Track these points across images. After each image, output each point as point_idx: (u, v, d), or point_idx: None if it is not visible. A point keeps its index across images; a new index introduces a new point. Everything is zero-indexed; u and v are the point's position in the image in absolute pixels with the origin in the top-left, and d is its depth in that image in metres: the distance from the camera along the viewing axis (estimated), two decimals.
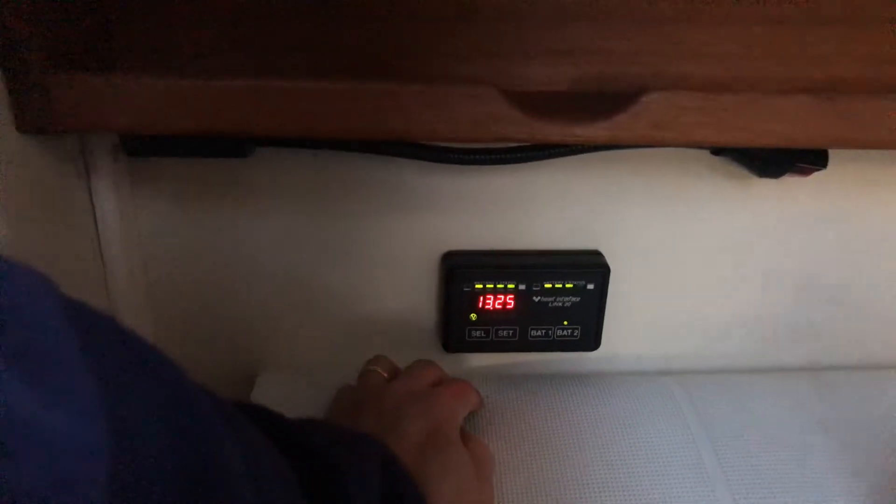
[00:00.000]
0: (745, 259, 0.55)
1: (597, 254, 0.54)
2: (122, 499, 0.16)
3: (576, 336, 0.54)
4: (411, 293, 0.54)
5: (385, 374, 0.49)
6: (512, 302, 0.53)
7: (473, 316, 0.53)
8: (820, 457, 0.49)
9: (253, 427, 0.27)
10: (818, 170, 0.47)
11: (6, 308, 0.15)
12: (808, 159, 0.47)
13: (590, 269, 0.53)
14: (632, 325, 0.57)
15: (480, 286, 0.52)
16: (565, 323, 0.54)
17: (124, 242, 0.48)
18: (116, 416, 0.16)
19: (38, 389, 0.14)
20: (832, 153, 0.47)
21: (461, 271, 0.52)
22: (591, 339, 0.54)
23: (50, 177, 0.42)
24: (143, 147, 0.43)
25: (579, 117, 0.41)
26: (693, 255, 0.54)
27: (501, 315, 0.53)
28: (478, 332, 0.54)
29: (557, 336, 0.54)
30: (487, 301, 0.53)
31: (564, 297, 0.53)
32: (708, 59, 0.46)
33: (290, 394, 0.52)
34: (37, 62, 0.36)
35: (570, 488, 0.46)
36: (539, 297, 0.53)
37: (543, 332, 0.54)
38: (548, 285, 0.52)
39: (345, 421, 0.43)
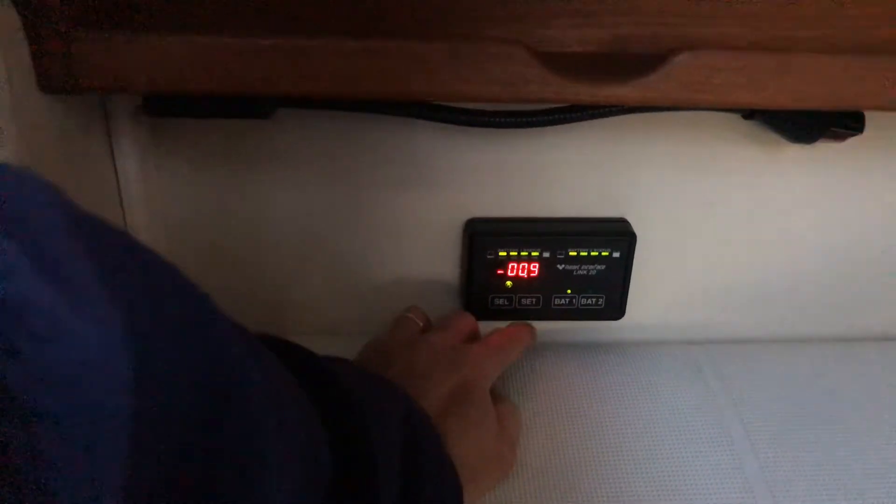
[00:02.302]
0: (775, 227, 0.54)
1: (623, 221, 0.53)
2: (143, 410, 0.16)
3: (600, 305, 0.54)
4: (434, 260, 0.54)
5: (419, 323, 0.49)
6: (536, 270, 0.52)
7: (496, 284, 0.53)
8: (848, 429, 0.48)
9: (273, 356, 0.27)
10: (854, 135, 0.46)
11: (16, 211, 0.14)
12: (844, 123, 0.46)
13: (615, 236, 0.52)
14: (657, 294, 0.56)
15: (504, 254, 0.52)
16: (590, 291, 0.53)
17: (145, 203, 0.48)
18: (135, 331, 0.16)
19: (58, 290, 0.14)
20: (868, 118, 0.46)
21: (484, 238, 0.51)
22: (615, 308, 0.54)
23: (72, 137, 0.41)
24: (164, 107, 0.43)
25: (609, 78, 0.40)
26: (721, 223, 0.53)
27: (525, 283, 0.53)
28: (501, 300, 0.53)
29: (581, 305, 0.53)
30: (511, 269, 0.52)
31: (589, 266, 0.52)
32: (741, 18, 0.45)
33: None
34: (59, 21, 0.36)
35: (593, 454, 0.46)
36: (563, 265, 0.52)
37: (567, 300, 0.53)
38: (572, 253, 0.52)
39: (375, 367, 0.43)
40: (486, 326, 0.52)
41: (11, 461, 0.12)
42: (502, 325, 0.56)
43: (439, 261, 0.54)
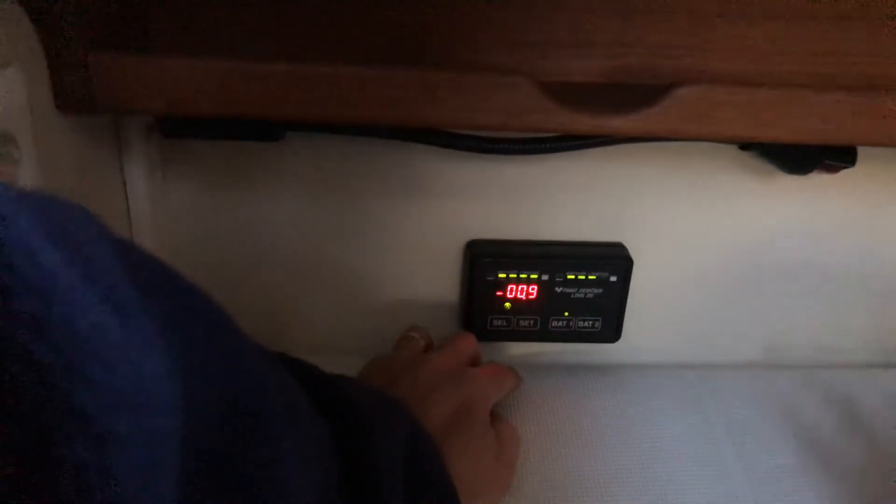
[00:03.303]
0: (770, 256, 0.55)
1: (620, 246, 0.54)
2: (186, 430, 0.17)
3: (597, 328, 0.54)
4: (435, 281, 0.55)
5: (422, 343, 0.49)
6: (534, 292, 0.53)
7: (496, 305, 0.53)
8: (842, 454, 0.49)
9: (287, 374, 0.27)
10: (846, 167, 0.47)
11: (75, 240, 0.15)
12: (837, 157, 0.47)
13: (613, 261, 0.53)
14: (653, 318, 0.57)
15: (503, 275, 0.52)
16: (587, 314, 0.54)
17: (154, 222, 0.48)
18: (174, 355, 0.17)
19: (117, 317, 0.15)
20: (860, 152, 0.47)
21: (485, 260, 0.52)
22: (612, 330, 0.55)
23: (85, 155, 0.42)
24: (178, 129, 0.43)
25: (611, 109, 0.41)
26: (717, 251, 0.55)
27: (524, 305, 0.54)
28: (499, 321, 0.54)
29: (579, 327, 0.54)
30: (510, 290, 0.53)
31: (586, 289, 0.53)
32: (740, 53, 0.46)
33: None
34: (78, 42, 0.37)
35: (589, 475, 0.46)
36: (561, 288, 0.53)
37: (565, 322, 0.54)
38: (570, 276, 0.53)
39: (378, 385, 0.44)
40: (484, 347, 0.53)
41: (89, 482, 0.13)
42: (501, 346, 0.57)
43: (440, 281, 0.55)
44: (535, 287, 0.53)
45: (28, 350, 0.13)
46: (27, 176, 0.36)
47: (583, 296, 0.53)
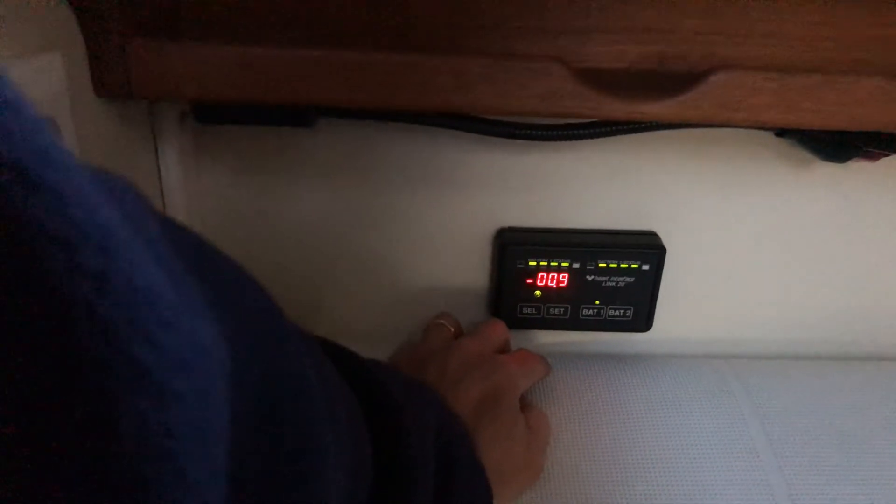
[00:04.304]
0: (805, 245, 0.54)
1: (653, 235, 0.53)
2: (235, 400, 0.17)
3: (628, 317, 0.54)
4: (464, 268, 0.55)
5: (451, 330, 0.50)
6: (565, 280, 0.53)
7: (526, 293, 0.53)
8: (874, 447, 0.48)
9: (326, 358, 0.28)
10: (887, 155, 0.46)
11: (128, 210, 0.15)
12: (877, 144, 0.46)
13: (645, 249, 0.52)
14: (685, 307, 0.56)
15: (534, 263, 0.52)
16: (618, 303, 0.54)
17: (187, 206, 0.49)
18: (221, 326, 0.17)
19: (171, 281, 0.15)
20: None
21: (514, 248, 0.52)
22: (643, 320, 0.54)
23: (121, 140, 0.43)
24: (212, 114, 0.44)
25: (646, 95, 0.41)
26: (751, 240, 0.54)
27: (554, 293, 0.53)
28: (529, 310, 0.54)
29: (609, 316, 0.54)
30: (540, 279, 0.53)
31: (618, 278, 0.53)
32: (776, 39, 0.45)
33: None
34: (116, 29, 0.37)
35: (618, 463, 0.46)
36: (592, 277, 0.53)
37: (595, 311, 0.54)
38: (602, 265, 0.52)
39: (408, 372, 0.44)
40: (514, 335, 0.53)
41: (150, 437, 0.13)
42: (530, 334, 0.57)
43: (469, 269, 0.55)
44: (566, 275, 0.53)
45: (92, 305, 0.13)
46: None
47: (614, 284, 0.53)
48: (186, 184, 0.49)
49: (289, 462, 0.21)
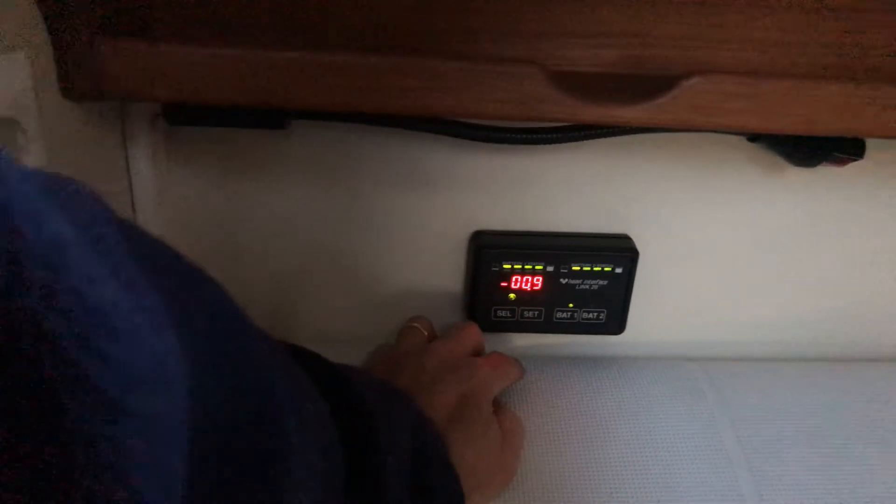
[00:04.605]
0: (777, 248, 0.55)
1: (626, 238, 0.54)
2: (195, 411, 0.17)
3: (601, 319, 0.54)
4: (440, 271, 0.55)
5: (425, 333, 0.49)
6: (539, 283, 0.53)
7: (500, 296, 0.53)
8: (848, 448, 0.49)
9: (294, 363, 0.27)
10: (855, 160, 0.47)
11: (84, 221, 0.15)
12: (846, 149, 0.47)
13: (618, 253, 0.53)
14: (658, 310, 0.57)
15: (508, 266, 0.52)
16: (591, 306, 0.54)
17: (159, 209, 0.48)
18: (183, 336, 0.17)
19: (128, 295, 0.15)
20: (869, 144, 0.47)
21: (489, 251, 0.52)
22: (616, 322, 0.55)
23: (90, 142, 0.42)
24: (184, 116, 0.43)
25: (620, 99, 0.41)
26: (723, 243, 0.54)
27: (528, 296, 0.53)
28: (504, 312, 0.54)
29: (583, 319, 0.54)
30: (514, 282, 0.53)
31: (592, 281, 0.53)
32: (749, 44, 0.46)
33: None
34: (84, 29, 0.36)
35: (592, 466, 0.46)
36: (566, 280, 0.53)
37: (569, 314, 0.54)
38: (575, 268, 0.52)
39: (382, 376, 0.44)
40: (489, 338, 0.53)
41: (100, 455, 0.13)
42: (505, 337, 0.57)
43: (444, 272, 0.55)
44: (540, 278, 0.53)
45: (38, 319, 0.13)
46: (33, 162, 0.36)
47: (588, 287, 0.53)
48: (158, 186, 0.48)
49: (253, 466, 0.21)
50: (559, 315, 0.54)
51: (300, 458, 0.23)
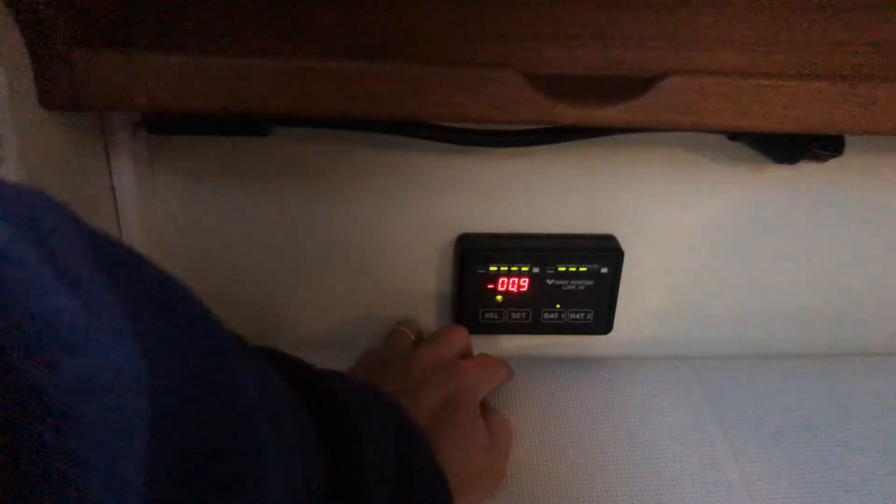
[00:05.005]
0: (760, 244, 0.55)
1: (611, 238, 0.54)
2: (155, 417, 0.17)
3: (588, 319, 0.55)
4: (426, 275, 0.55)
5: (412, 336, 0.49)
6: (526, 285, 0.53)
7: (487, 298, 0.53)
8: (832, 442, 0.49)
9: (269, 367, 0.27)
10: (834, 156, 0.47)
11: (37, 228, 0.15)
12: (825, 146, 0.47)
13: (603, 253, 0.53)
14: (645, 309, 0.57)
15: (495, 269, 0.52)
16: (578, 306, 0.54)
17: (142, 218, 0.48)
18: (145, 343, 0.17)
19: (80, 303, 0.15)
20: (848, 140, 0.47)
21: (475, 253, 0.52)
22: (603, 322, 0.55)
23: (70, 152, 0.42)
24: (164, 124, 0.43)
25: (598, 100, 0.41)
26: (707, 241, 0.55)
27: (515, 297, 0.54)
28: (491, 314, 0.54)
29: (570, 319, 0.54)
30: (501, 283, 0.53)
31: (578, 281, 0.53)
32: (726, 44, 0.46)
33: None
34: (62, 38, 0.36)
35: (581, 466, 0.47)
36: (553, 281, 0.53)
37: (556, 314, 0.54)
38: (561, 269, 0.53)
39: (368, 379, 0.44)
40: (477, 341, 0.53)
41: (50, 463, 0.13)
42: (493, 339, 0.57)
43: (431, 275, 0.55)
44: (527, 280, 0.53)
45: None
46: (11, 174, 0.36)
47: (574, 288, 0.53)
48: (141, 195, 0.48)
49: (224, 472, 0.21)
50: (546, 316, 0.54)
51: (274, 462, 0.23)
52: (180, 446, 0.19)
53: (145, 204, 0.49)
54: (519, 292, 0.53)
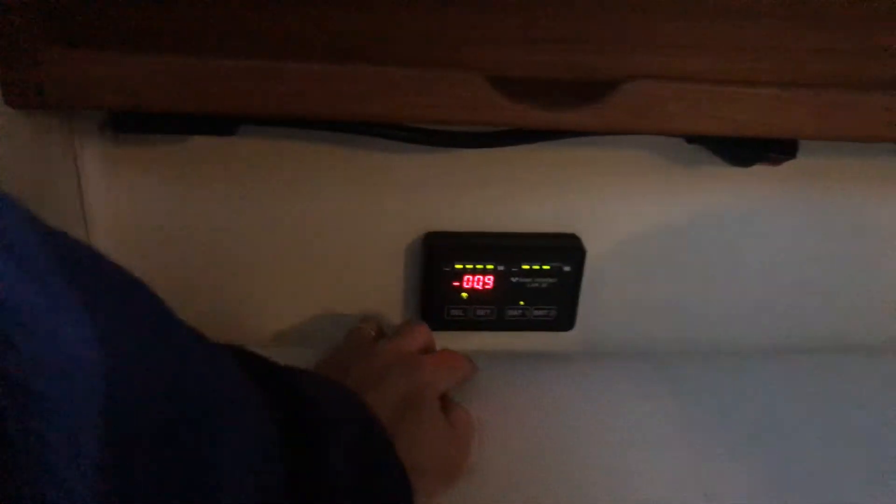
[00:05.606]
0: (717, 244, 0.57)
1: (574, 237, 0.55)
2: (114, 402, 0.18)
3: (551, 316, 0.56)
4: (393, 272, 0.55)
5: (372, 333, 0.50)
6: (491, 282, 0.54)
7: (453, 295, 0.54)
8: (803, 439, 0.50)
9: (231, 363, 0.28)
10: (787, 159, 0.49)
11: None
12: (779, 149, 0.49)
13: (566, 251, 0.54)
14: (607, 307, 0.58)
15: (460, 266, 0.53)
16: (542, 303, 0.55)
17: (109, 216, 0.48)
18: (102, 333, 0.18)
19: (39, 292, 0.16)
20: (802, 144, 0.49)
21: (442, 251, 0.53)
22: (566, 319, 0.56)
23: (37, 152, 0.42)
24: (131, 123, 0.43)
25: (561, 104, 0.42)
26: (667, 240, 0.56)
27: (480, 295, 0.55)
28: (457, 311, 0.55)
29: (534, 316, 0.56)
30: (467, 281, 0.54)
31: (541, 279, 0.54)
32: (685, 50, 0.48)
33: None
34: (28, 36, 0.37)
35: (544, 460, 0.47)
36: (517, 278, 0.54)
37: (520, 311, 0.55)
38: (525, 267, 0.54)
39: (332, 374, 0.44)
40: (443, 337, 0.54)
41: (13, 440, 0.14)
42: (459, 335, 0.58)
43: (398, 273, 0.56)
44: (492, 277, 0.54)
45: None
46: None
47: (538, 286, 0.55)
48: (108, 194, 0.48)
49: (179, 462, 0.21)
50: (511, 313, 0.56)
51: (231, 454, 0.24)
52: (136, 423, 0.20)
53: (112, 202, 0.49)
54: (484, 289, 0.54)
